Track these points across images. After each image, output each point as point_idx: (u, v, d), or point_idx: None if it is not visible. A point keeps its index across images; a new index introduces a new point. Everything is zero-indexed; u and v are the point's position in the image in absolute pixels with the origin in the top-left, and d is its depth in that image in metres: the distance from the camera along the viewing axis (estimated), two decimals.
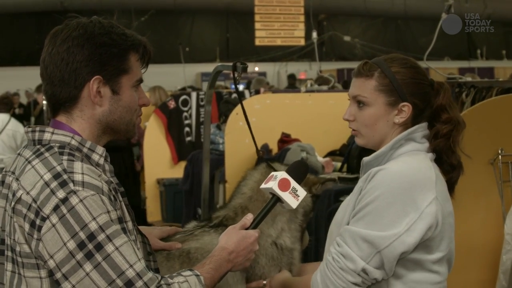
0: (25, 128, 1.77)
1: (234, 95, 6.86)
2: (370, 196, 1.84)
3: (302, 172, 2.03)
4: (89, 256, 1.56)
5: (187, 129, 7.22)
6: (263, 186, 1.97)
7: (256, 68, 18.41)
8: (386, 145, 1.95)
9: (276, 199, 1.94)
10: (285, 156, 4.66)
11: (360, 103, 1.96)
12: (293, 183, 1.94)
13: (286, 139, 5.12)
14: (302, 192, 1.94)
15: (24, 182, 1.63)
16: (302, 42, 16.06)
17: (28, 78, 11.47)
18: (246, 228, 1.90)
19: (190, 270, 1.74)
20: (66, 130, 1.70)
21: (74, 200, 1.57)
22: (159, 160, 7.19)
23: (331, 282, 1.85)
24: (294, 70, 18.35)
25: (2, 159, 7.29)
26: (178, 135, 7.22)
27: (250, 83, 10.86)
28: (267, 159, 2.85)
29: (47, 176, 1.60)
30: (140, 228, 1.89)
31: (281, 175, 1.94)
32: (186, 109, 7.21)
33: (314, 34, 7.59)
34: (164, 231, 2.22)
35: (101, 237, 1.57)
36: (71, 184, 1.59)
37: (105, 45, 1.70)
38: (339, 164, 4.78)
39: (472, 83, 3.90)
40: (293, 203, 1.93)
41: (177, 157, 7.21)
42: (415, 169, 1.87)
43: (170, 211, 7.05)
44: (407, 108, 1.94)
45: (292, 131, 5.17)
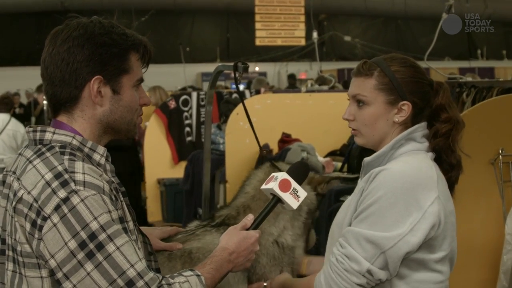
0: (26, 128, 1.77)
1: (235, 95, 6.85)
2: (372, 197, 1.84)
3: (303, 172, 2.03)
4: (90, 255, 1.56)
5: (187, 129, 7.21)
6: (264, 186, 1.97)
7: (257, 68, 18.41)
8: (386, 145, 1.95)
9: (277, 200, 1.93)
10: (285, 156, 4.65)
11: (359, 103, 1.96)
12: (293, 184, 1.93)
13: (286, 139, 5.11)
14: (302, 193, 1.94)
15: (25, 182, 1.63)
16: (303, 42, 16.05)
17: (29, 78, 11.49)
18: (247, 229, 1.91)
19: (191, 270, 1.75)
20: (67, 130, 1.71)
21: (75, 199, 1.57)
22: (159, 160, 7.18)
23: (335, 284, 1.84)
24: (295, 70, 18.36)
25: (2, 159, 7.29)
26: (178, 135, 7.21)
27: (250, 83, 10.86)
28: (270, 158, 2.85)
29: (48, 176, 1.60)
30: (141, 228, 1.90)
31: (281, 175, 1.94)
32: (186, 109, 7.20)
33: (315, 34, 7.58)
34: (165, 231, 2.22)
35: (102, 236, 1.57)
36: (72, 184, 1.59)
37: (105, 45, 1.70)
38: (339, 164, 4.77)
39: (473, 83, 3.89)
40: (293, 203, 1.93)
41: (177, 157, 7.20)
42: (416, 168, 1.87)
43: (171, 211, 7.04)
44: (406, 107, 1.94)
45: (292, 131, 5.16)
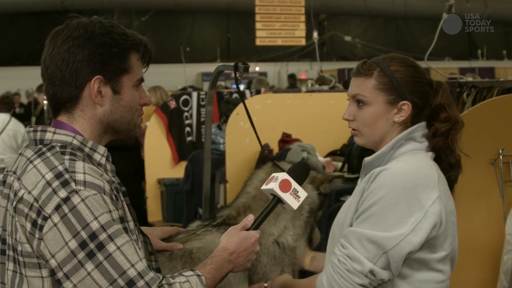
0: (26, 128, 1.77)
1: (235, 95, 6.84)
2: (374, 197, 1.84)
3: (303, 173, 2.03)
4: (90, 255, 1.56)
5: (188, 129, 7.21)
6: (264, 187, 1.97)
7: (257, 68, 18.40)
8: (386, 145, 1.95)
9: (277, 200, 1.93)
10: (286, 156, 4.65)
11: (359, 102, 1.96)
12: (294, 184, 1.93)
13: (287, 139, 5.11)
14: (303, 193, 1.94)
15: (26, 182, 1.63)
16: (303, 42, 16.04)
17: (29, 78, 11.50)
18: (248, 229, 1.91)
19: (192, 270, 1.75)
20: (67, 130, 1.71)
21: (75, 199, 1.57)
22: (159, 160, 7.17)
23: (337, 284, 1.84)
24: (295, 70, 18.37)
25: (3, 159, 7.29)
26: (179, 135, 7.21)
27: (251, 83, 10.86)
28: (272, 158, 2.85)
29: (49, 176, 1.60)
30: (141, 228, 1.90)
31: (282, 176, 1.94)
32: (187, 109, 7.19)
33: (315, 34, 7.56)
34: (165, 231, 2.22)
35: (102, 236, 1.57)
36: (72, 184, 1.59)
37: (105, 44, 1.70)
38: (339, 164, 4.77)
39: (473, 83, 3.89)
40: (294, 204, 1.92)
41: (177, 157, 7.20)
42: (417, 168, 1.87)
43: (171, 211, 7.04)
44: (406, 106, 1.93)
45: (293, 131, 5.15)
